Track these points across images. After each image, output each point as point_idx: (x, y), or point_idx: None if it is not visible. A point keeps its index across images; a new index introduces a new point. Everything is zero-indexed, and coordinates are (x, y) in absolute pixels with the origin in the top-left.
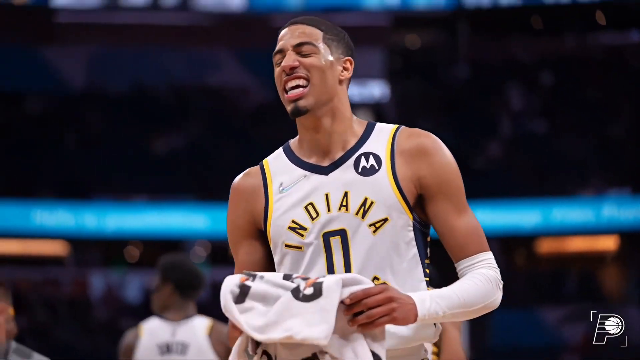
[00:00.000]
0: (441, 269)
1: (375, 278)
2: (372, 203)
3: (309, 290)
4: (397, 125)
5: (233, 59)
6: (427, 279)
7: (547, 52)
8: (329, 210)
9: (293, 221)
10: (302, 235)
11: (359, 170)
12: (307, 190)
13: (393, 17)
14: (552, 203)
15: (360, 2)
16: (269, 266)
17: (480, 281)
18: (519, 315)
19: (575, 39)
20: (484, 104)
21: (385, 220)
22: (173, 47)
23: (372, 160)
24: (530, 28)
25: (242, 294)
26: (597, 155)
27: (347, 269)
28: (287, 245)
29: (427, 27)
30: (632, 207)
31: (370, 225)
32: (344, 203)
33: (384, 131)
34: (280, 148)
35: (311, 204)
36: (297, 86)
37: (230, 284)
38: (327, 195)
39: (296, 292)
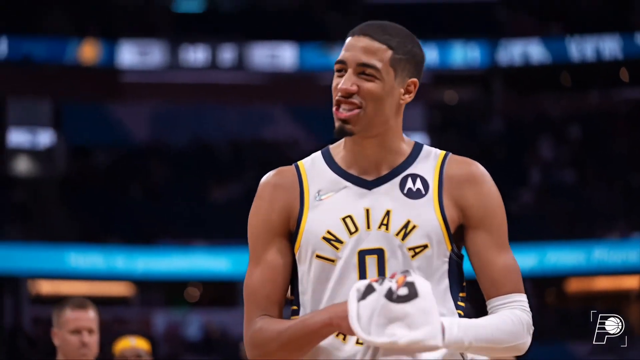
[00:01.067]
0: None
1: None
2: (414, 227)
3: (403, 291)
4: (445, 152)
5: (285, 114)
6: (461, 312)
7: (575, 107)
8: (368, 227)
9: (329, 232)
10: (336, 249)
11: (405, 192)
12: (346, 202)
13: (433, 75)
14: (580, 246)
15: None
16: (293, 272)
17: (512, 321)
18: (551, 349)
19: (601, 94)
20: (516, 155)
21: (425, 247)
22: (230, 103)
23: (419, 184)
24: (559, 85)
25: (367, 292)
26: (622, 202)
27: None
28: (318, 256)
29: (464, 84)
30: None
31: (409, 249)
32: (385, 222)
33: (432, 155)
34: (319, 152)
35: (350, 217)
36: (349, 109)
37: (360, 284)
38: (367, 210)
39: (389, 294)
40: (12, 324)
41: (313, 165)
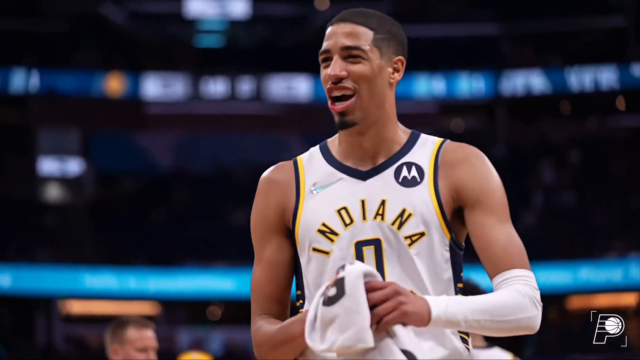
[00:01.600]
0: None
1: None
2: (410, 215)
3: (332, 291)
4: (443, 139)
5: (300, 142)
6: None
7: (575, 133)
8: (364, 218)
9: (324, 224)
10: (332, 241)
11: (400, 180)
12: (341, 194)
13: (440, 104)
14: (580, 265)
15: (412, 93)
16: (296, 267)
17: (512, 294)
18: None
19: (599, 121)
20: (520, 179)
21: (422, 234)
22: (248, 132)
23: (414, 172)
24: (560, 113)
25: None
26: (620, 223)
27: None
28: (314, 249)
29: (470, 112)
30: None
31: (406, 238)
32: (380, 212)
33: (428, 142)
34: (317, 146)
35: (345, 208)
36: (343, 96)
37: (323, 287)
38: (363, 201)
39: (323, 297)
40: (44, 343)
41: (310, 159)
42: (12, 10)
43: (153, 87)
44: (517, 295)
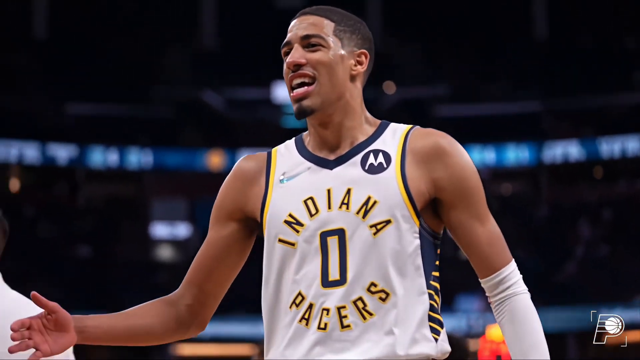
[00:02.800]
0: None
1: (373, 284)
2: (375, 202)
3: None
4: (411, 125)
5: None
6: (432, 292)
7: (607, 195)
8: (329, 207)
9: (290, 215)
10: (297, 232)
11: (366, 168)
12: (308, 184)
13: (491, 172)
14: (614, 307)
15: None
16: (235, 256)
17: (535, 324)
18: None
19: (627, 184)
20: (561, 236)
21: (388, 222)
22: None
23: (380, 158)
24: (593, 177)
25: None
26: None
27: (343, 271)
28: (280, 240)
29: (516, 178)
30: None
31: (371, 227)
32: (345, 201)
33: (397, 131)
34: (293, 138)
35: (311, 198)
36: (302, 83)
37: None
38: (329, 190)
39: None
40: None
41: (285, 150)
42: (128, 99)
43: None
44: (535, 318)
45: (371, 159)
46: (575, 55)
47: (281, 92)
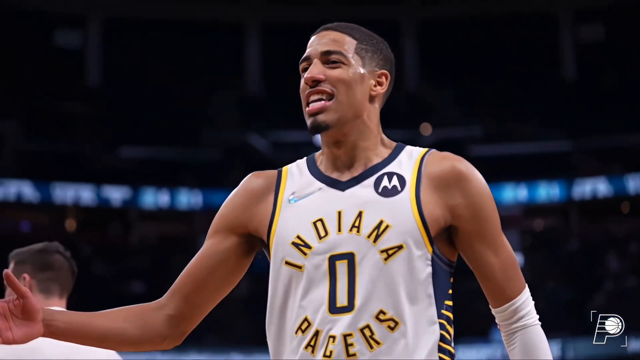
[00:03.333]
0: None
1: (381, 312)
2: (387, 227)
3: None
4: (427, 148)
5: None
6: (443, 321)
7: (634, 228)
8: (339, 230)
9: (298, 236)
10: (305, 254)
11: (379, 190)
12: (319, 205)
13: (524, 208)
14: None
15: (501, 199)
16: (227, 272)
17: (542, 343)
18: None
19: None
20: (591, 268)
21: (400, 247)
22: None
23: (395, 181)
24: (621, 212)
25: None
26: None
27: (351, 297)
28: (287, 263)
29: (547, 214)
30: None
31: (382, 252)
32: (356, 224)
33: (413, 154)
34: (305, 157)
35: (321, 220)
36: (320, 99)
37: None
38: (339, 212)
39: None
40: None
41: (296, 169)
42: (178, 142)
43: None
44: (546, 351)
45: (385, 182)
46: (602, 95)
47: None
